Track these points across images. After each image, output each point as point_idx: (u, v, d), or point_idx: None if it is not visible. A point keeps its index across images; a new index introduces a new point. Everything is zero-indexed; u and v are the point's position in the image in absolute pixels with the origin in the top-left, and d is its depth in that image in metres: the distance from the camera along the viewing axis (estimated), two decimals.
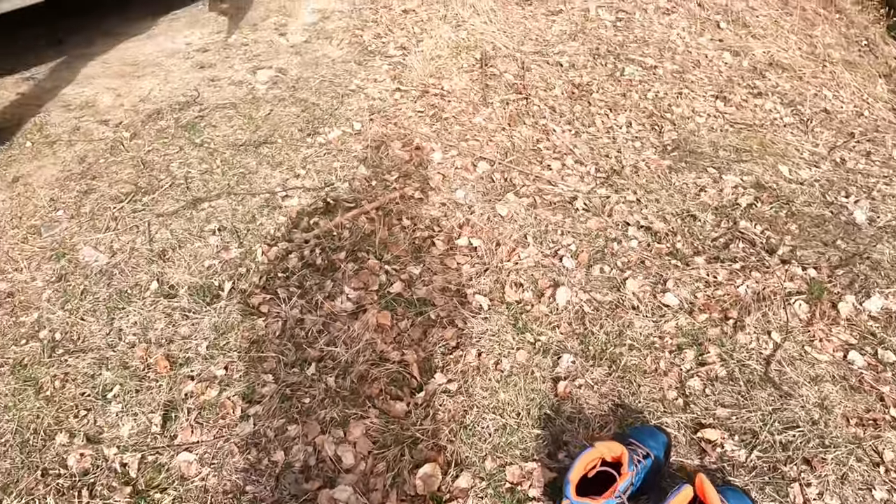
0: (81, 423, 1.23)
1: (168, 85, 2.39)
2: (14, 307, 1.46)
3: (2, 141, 2.02)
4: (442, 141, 2.15)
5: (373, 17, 3.02)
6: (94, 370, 1.32)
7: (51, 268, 1.56)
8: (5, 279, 1.53)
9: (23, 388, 1.29)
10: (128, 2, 2.96)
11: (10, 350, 1.36)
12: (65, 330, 1.41)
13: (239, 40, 2.78)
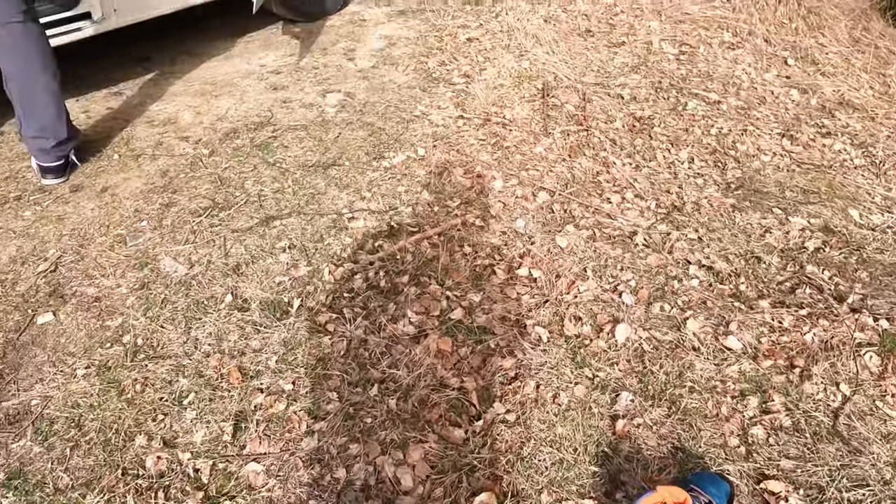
0: (159, 427, 1.30)
1: (244, 105, 2.51)
2: (101, 311, 1.56)
3: (92, 152, 2.16)
4: (503, 169, 2.19)
5: (437, 44, 3.10)
6: (171, 376, 1.40)
7: (134, 276, 1.66)
8: (93, 284, 1.64)
9: (107, 390, 1.37)
10: (208, 24, 3.13)
11: (96, 352, 1.46)
12: (146, 336, 1.49)
13: (310, 64, 2.91)
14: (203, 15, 3.06)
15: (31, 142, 1.95)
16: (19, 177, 2.07)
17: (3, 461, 1.24)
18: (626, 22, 3.43)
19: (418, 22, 3.34)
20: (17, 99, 1.87)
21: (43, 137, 1.92)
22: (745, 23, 3.31)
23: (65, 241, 1.78)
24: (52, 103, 1.89)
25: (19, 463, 1.24)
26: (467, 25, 3.27)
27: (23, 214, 1.89)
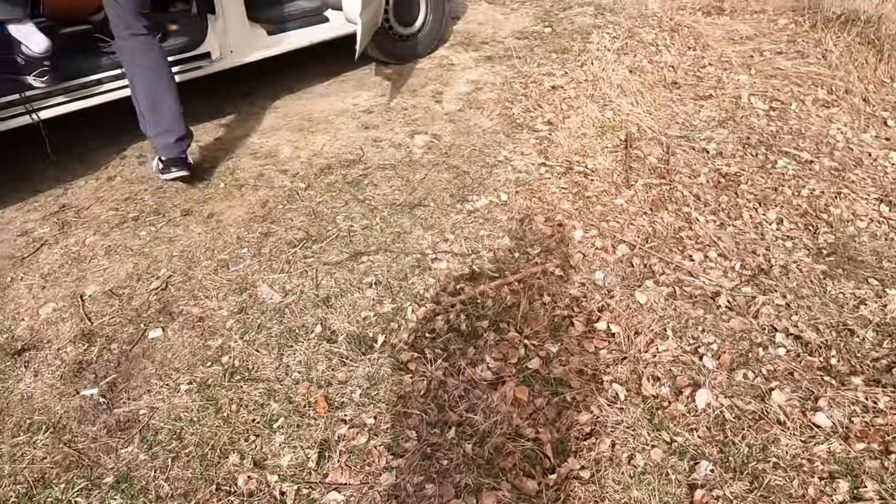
0: (250, 447, 1.39)
1: (337, 142, 2.67)
2: (203, 331, 1.69)
3: (201, 179, 2.35)
4: (583, 219, 2.22)
5: (522, 90, 3.19)
6: (263, 400, 1.49)
7: (234, 300, 1.79)
8: (198, 305, 1.78)
9: (205, 406, 1.48)
10: (308, 63, 3.35)
11: (198, 370, 1.58)
12: (242, 358, 1.61)
13: (400, 104, 3.05)
14: (305, 55, 3.28)
15: (157, 139, 2.18)
16: (137, 198, 2.28)
17: (113, 465, 1.36)
18: (714, 75, 3.41)
19: (504, 68, 3.45)
20: (144, 100, 2.12)
21: (167, 133, 2.15)
22: (841, 80, 3.22)
23: (175, 262, 1.94)
24: (175, 103, 2.15)
25: (127, 468, 1.36)
26: (552, 73, 3.35)
27: (139, 234, 2.08)
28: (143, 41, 2.06)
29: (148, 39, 2.08)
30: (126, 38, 2.04)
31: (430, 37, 3.59)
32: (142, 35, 2.06)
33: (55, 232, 2.10)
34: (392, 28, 3.37)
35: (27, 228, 2.12)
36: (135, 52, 2.06)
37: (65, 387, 1.53)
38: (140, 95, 2.12)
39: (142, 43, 2.06)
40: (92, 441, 1.41)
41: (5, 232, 2.11)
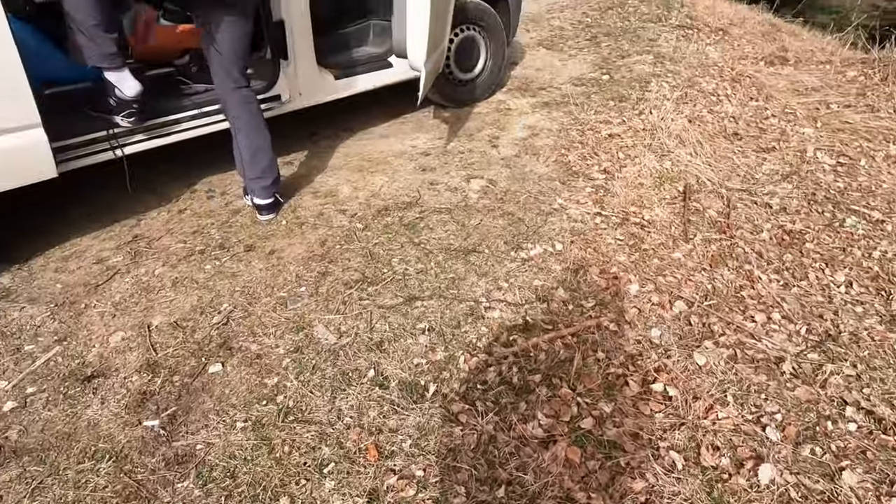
0: (301, 491, 1.40)
1: (395, 184, 2.73)
2: (261, 368, 1.73)
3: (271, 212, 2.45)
4: (639, 273, 2.18)
5: (579, 138, 3.20)
6: (315, 443, 1.51)
7: (291, 338, 1.84)
8: (256, 342, 1.83)
9: (259, 446, 1.51)
10: (370, 105, 3.46)
11: (253, 408, 1.61)
12: (296, 399, 1.63)
13: (456, 148, 3.11)
14: (367, 97, 3.40)
15: (254, 183, 2.34)
16: (204, 232, 2.38)
17: (170, 499, 1.40)
18: (778, 127, 3.34)
19: (561, 114, 3.48)
20: (246, 147, 2.28)
21: (263, 178, 2.33)
22: None
23: (236, 297, 2.01)
24: (270, 149, 2.32)
25: (182, 503, 1.39)
26: (609, 121, 3.35)
27: (204, 267, 2.17)
28: (245, 93, 2.24)
29: (250, 92, 2.26)
30: (231, 91, 2.20)
31: (489, 82, 3.67)
32: (244, 88, 2.23)
33: (127, 261, 2.21)
34: (452, 73, 3.46)
35: (102, 256, 2.25)
36: (239, 103, 2.23)
37: (128, 416, 1.59)
38: (242, 143, 2.28)
39: (244, 95, 2.23)
40: (151, 473, 1.45)
41: (83, 259, 2.24)
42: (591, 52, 4.54)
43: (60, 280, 2.12)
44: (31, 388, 1.69)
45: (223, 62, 2.15)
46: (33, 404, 1.64)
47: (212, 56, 2.15)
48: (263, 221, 2.42)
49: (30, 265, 2.20)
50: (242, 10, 2.12)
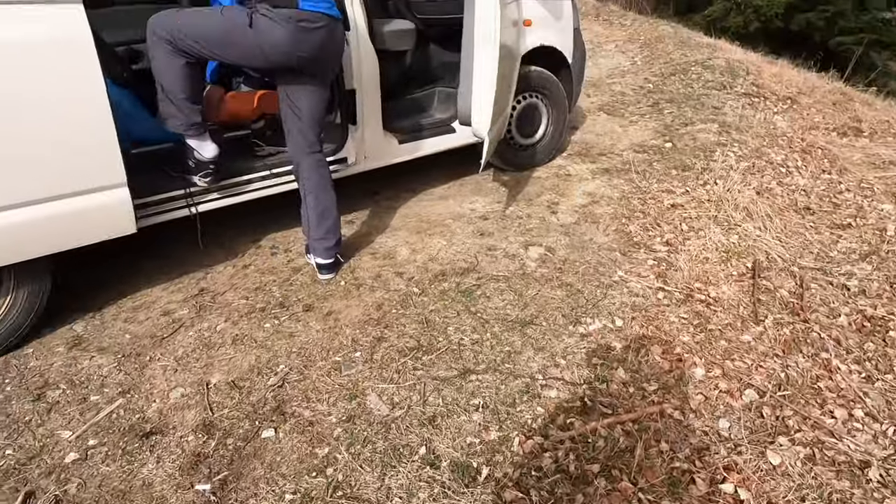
0: None
1: (453, 247, 2.74)
2: (312, 437, 1.72)
3: (331, 272, 2.49)
4: (705, 355, 2.08)
5: (640, 206, 3.15)
6: None
7: (344, 406, 1.83)
8: (310, 408, 1.83)
9: None
10: (430, 166, 3.53)
11: (303, 479, 1.59)
12: (346, 472, 1.61)
13: (515, 213, 3.11)
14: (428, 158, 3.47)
15: (318, 243, 2.41)
16: (266, 289, 2.44)
17: None
18: (853, 202, 3.20)
19: (622, 181, 3.44)
20: (315, 209, 2.36)
21: (327, 238, 2.40)
22: None
23: (293, 359, 2.03)
24: (335, 211, 2.40)
25: None
26: (672, 191, 3.29)
27: (264, 325, 2.21)
28: (318, 157, 2.34)
29: (322, 156, 2.37)
30: (305, 155, 2.31)
31: (549, 147, 3.69)
32: (318, 152, 2.34)
33: (192, 315, 2.28)
34: (513, 138, 3.50)
35: (169, 308, 2.33)
36: (311, 166, 2.33)
37: (182, 478, 1.60)
38: (311, 204, 2.37)
39: (317, 159, 2.34)
40: None
41: (151, 310, 2.32)
42: (653, 118, 4.52)
43: (129, 330, 2.20)
44: (93, 440, 1.73)
45: (301, 127, 2.26)
46: (93, 458, 1.67)
47: (289, 121, 2.26)
48: (323, 281, 2.47)
49: (102, 314, 2.30)
50: (322, 80, 2.24)
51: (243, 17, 1.99)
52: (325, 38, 2.10)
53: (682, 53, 6.47)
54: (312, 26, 2.04)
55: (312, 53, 2.09)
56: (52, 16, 1.80)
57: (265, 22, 1.99)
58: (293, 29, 2.00)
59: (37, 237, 1.94)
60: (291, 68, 2.13)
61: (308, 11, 2.02)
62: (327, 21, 2.09)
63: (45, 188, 1.89)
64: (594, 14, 10.18)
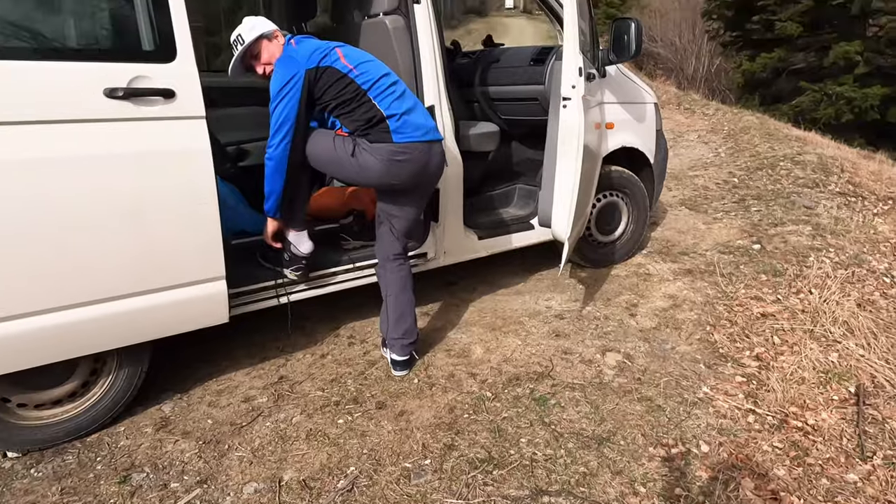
0: None
1: (527, 348, 2.71)
2: None
3: (405, 368, 2.51)
4: (805, 495, 1.89)
5: (727, 314, 3.00)
6: None
7: None
8: None
9: None
10: (506, 259, 3.55)
11: None
12: None
13: (592, 313, 3.05)
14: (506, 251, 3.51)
15: (396, 341, 2.47)
16: (341, 382, 2.49)
17: None
18: None
19: (706, 285, 3.32)
20: (394, 309, 2.44)
21: (404, 338, 2.45)
22: None
23: (363, 461, 2.02)
24: (413, 313, 2.47)
25: None
26: (762, 298, 3.13)
27: (337, 421, 2.24)
28: (402, 263, 2.46)
29: (406, 262, 2.48)
30: (391, 259, 2.44)
31: (629, 245, 3.64)
32: (401, 259, 2.46)
33: (270, 403, 2.35)
34: (592, 235, 3.49)
35: (250, 395, 2.41)
36: (394, 269, 2.44)
37: None
38: (390, 304, 2.46)
39: (400, 264, 2.46)
40: None
41: (234, 395, 2.42)
42: (738, 216, 4.38)
43: (212, 415, 2.29)
44: None
45: (391, 236, 2.41)
46: None
47: (382, 227, 2.41)
48: (397, 377, 2.49)
49: (189, 395, 2.42)
50: (418, 199, 2.39)
51: (349, 147, 2.18)
52: (420, 165, 2.25)
53: (770, 146, 6.33)
54: (406, 157, 2.19)
55: (406, 180, 2.25)
56: (179, 128, 2.01)
57: (364, 154, 2.17)
58: (387, 162, 2.17)
59: (143, 324, 2.10)
60: (389, 190, 2.31)
61: (402, 144, 2.18)
62: (422, 148, 2.24)
63: (154, 280, 2.06)
64: (675, 102, 10.23)
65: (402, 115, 2.19)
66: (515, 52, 3.60)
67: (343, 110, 2.20)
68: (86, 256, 1.90)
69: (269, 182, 2.24)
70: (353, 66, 2.19)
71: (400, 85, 2.27)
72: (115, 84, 1.86)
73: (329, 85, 2.17)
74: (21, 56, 1.76)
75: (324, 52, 2.18)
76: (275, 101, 2.13)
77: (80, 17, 1.98)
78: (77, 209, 1.86)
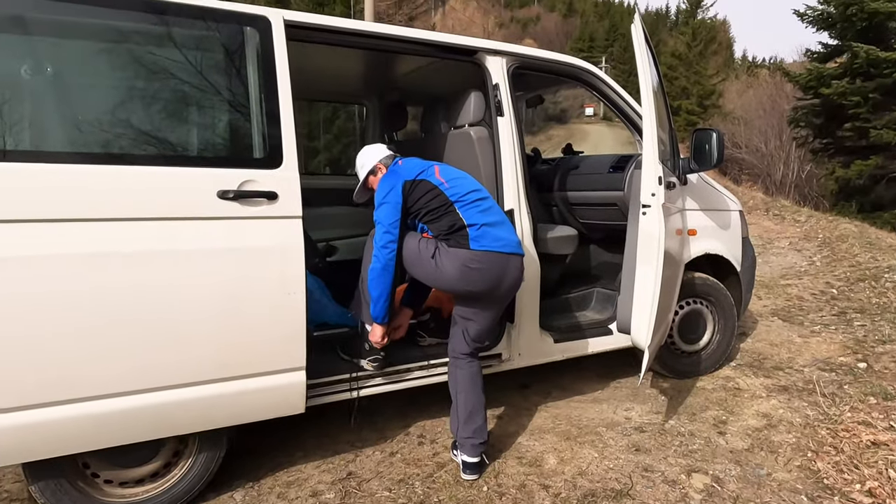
0: None
1: (604, 462, 2.55)
2: None
3: (475, 473, 2.43)
4: None
5: (830, 439, 2.72)
6: None
7: None
8: None
9: None
10: (584, 362, 3.45)
11: None
12: None
13: (676, 427, 2.86)
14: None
15: (465, 440, 2.41)
16: (409, 483, 2.43)
17: None
18: None
19: (805, 404, 3.05)
20: (464, 408, 2.41)
21: (474, 437, 2.40)
22: None
23: None
24: (483, 412, 2.43)
25: None
26: (872, 424, 2.82)
27: None
28: (473, 363, 2.46)
29: (477, 363, 2.48)
30: (461, 358, 2.45)
31: (716, 356, 3.45)
32: (473, 360, 2.46)
33: (337, 500, 2.32)
34: (675, 344, 3.34)
35: (318, 489, 2.40)
36: (464, 368, 2.44)
37: None
38: (461, 403, 2.43)
39: (472, 364, 2.45)
40: None
41: (302, 488, 2.41)
42: (839, 330, 4.07)
43: None
44: None
45: (465, 338, 2.43)
46: None
47: (456, 328, 2.44)
48: (466, 481, 2.41)
49: (260, 485, 2.44)
50: (493, 308, 2.41)
51: (431, 248, 2.29)
52: (495, 275, 2.30)
53: (871, 256, 5.95)
54: (481, 265, 2.26)
55: (480, 288, 2.30)
56: (278, 226, 2.19)
57: (442, 258, 2.27)
58: (462, 268, 2.25)
59: (224, 410, 2.18)
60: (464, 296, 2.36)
61: (479, 252, 2.26)
62: (499, 259, 2.30)
63: (239, 367, 2.16)
64: (763, 208, 9.94)
65: (483, 225, 2.29)
66: (595, 159, 3.71)
67: (430, 217, 2.33)
68: (182, 342, 2.04)
69: (376, 285, 2.33)
70: (445, 181, 2.35)
71: (489, 201, 2.39)
72: (228, 187, 2.08)
73: (422, 195, 2.33)
74: (148, 162, 2.01)
75: (423, 167, 2.39)
76: (378, 208, 2.31)
77: (203, 128, 2.26)
78: (179, 298, 2.02)
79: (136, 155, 2.03)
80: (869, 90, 13.25)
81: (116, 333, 1.94)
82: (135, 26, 2.08)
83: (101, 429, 1.98)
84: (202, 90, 2.19)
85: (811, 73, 14.78)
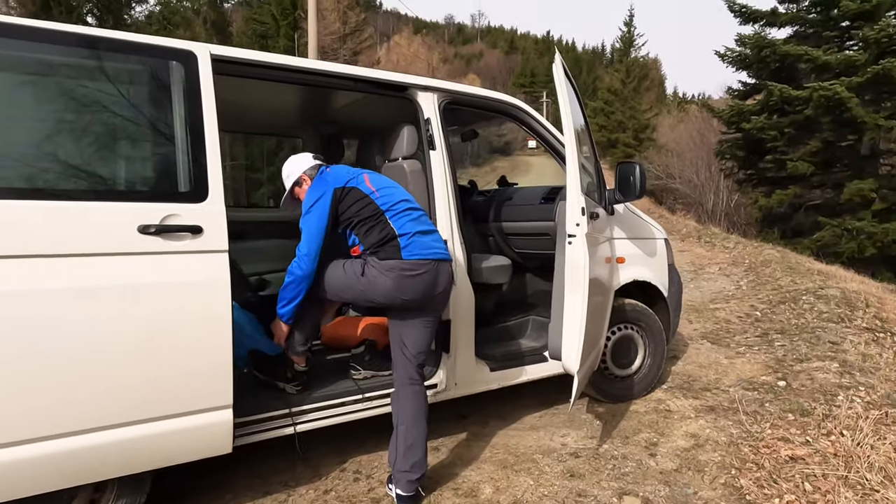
0: None
1: (539, 489, 2.57)
2: None
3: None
4: None
5: (752, 456, 2.84)
6: None
7: None
8: None
9: None
10: (521, 391, 3.49)
11: None
12: None
13: (609, 451, 2.92)
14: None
15: (402, 475, 2.36)
16: None
17: None
18: None
19: (730, 423, 3.18)
20: (404, 439, 2.36)
21: (411, 472, 2.35)
22: None
23: None
24: (424, 445, 2.38)
25: None
26: (790, 440, 2.97)
27: None
28: (417, 389, 2.43)
29: (421, 388, 2.45)
30: (406, 385, 2.42)
31: (647, 379, 3.56)
32: (417, 385, 2.43)
33: None
34: (608, 369, 3.43)
35: None
36: (409, 398, 2.40)
37: None
38: (401, 435, 2.39)
39: (416, 391, 2.42)
40: None
41: None
42: (762, 350, 4.28)
43: None
44: None
45: (405, 360, 2.41)
46: None
47: (396, 352, 2.43)
48: None
49: None
50: (427, 317, 2.43)
51: (358, 268, 2.30)
52: (428, 281, 2.33)
53: (792, 280, 6.32)
54: (413, 273, 2.28)
55: (414, 297, 2.32)
56: (203, 261, 2.14)
57: (373, 272, 2.28)
58: (396, 278, 2.26)
59: (145, 453, 2.08)
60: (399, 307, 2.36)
61: (411, 261, 2.29)
62: (430, 265, 2.33)
63: (160, 407, 2.07)
64: (696, 236, 10.42)
65: (413, 234, 2.33)
66: (528, 191, 3.82)
67: (362, 228, 2.36)
68: (97, 383, 1.94)
69: (291, 289, 2.36)
70: (375, 189, 2.38)
71: (417, 211, 2.44)
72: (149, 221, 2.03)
73: (352, 203, 2.35)
74: (64, 197, 1.94)
75: (352, 174, 2.42)
76: (305, 214, 2.32)
77: (126, 162, 2.21)
78: (95, 337, 1.93)
79: (53, 190, 1.96)
80: (784, 125, 14.27)
81: (27, 375, 1.84)
82: (59, 59, 2.04)
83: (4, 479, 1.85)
84: (126, 124, 2.16)
85: (733, 109, 15.82)
